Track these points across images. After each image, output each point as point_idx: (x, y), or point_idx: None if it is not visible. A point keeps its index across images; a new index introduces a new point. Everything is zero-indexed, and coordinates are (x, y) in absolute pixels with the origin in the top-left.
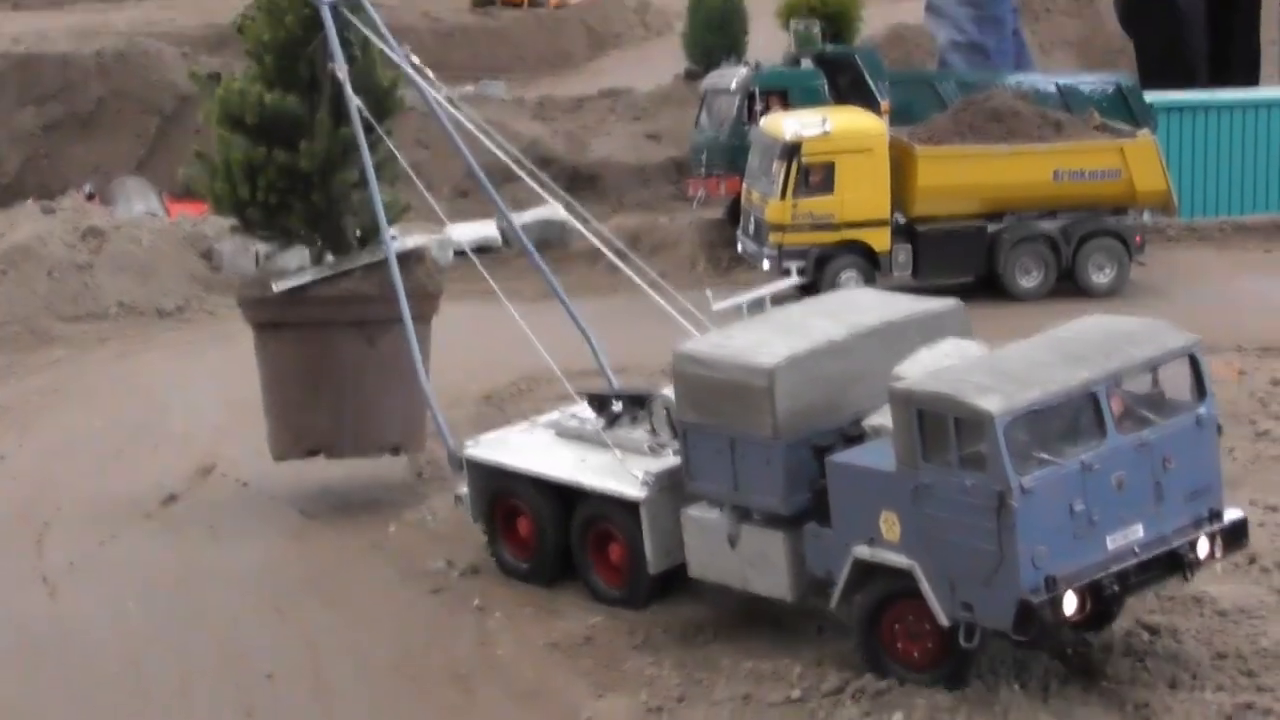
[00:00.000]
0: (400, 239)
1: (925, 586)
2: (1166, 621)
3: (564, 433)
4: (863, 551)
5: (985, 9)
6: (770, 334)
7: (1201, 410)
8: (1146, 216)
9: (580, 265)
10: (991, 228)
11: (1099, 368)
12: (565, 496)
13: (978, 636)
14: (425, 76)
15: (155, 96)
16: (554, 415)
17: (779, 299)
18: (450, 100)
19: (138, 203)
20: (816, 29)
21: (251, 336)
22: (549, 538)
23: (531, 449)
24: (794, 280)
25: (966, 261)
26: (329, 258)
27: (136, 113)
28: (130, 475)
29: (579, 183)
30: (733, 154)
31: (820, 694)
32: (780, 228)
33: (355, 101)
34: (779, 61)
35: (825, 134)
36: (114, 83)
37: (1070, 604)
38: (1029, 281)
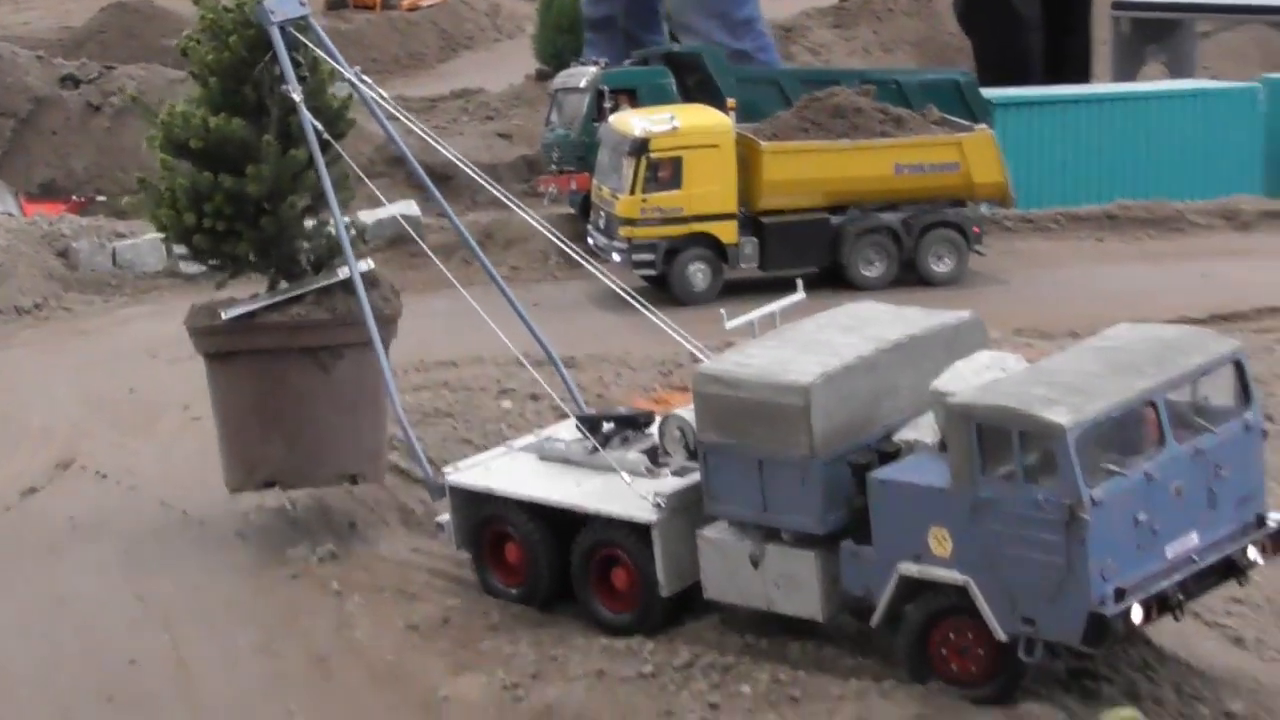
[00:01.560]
0: (365, 260)
1: (981, 602)
2: None
3: (548, 456)
4: (909, 568)
5: (733, 15)
6: (793, 352)
7: (1249, 416)
8: (984, 208)
9: (433, 261)
10: (835, 220)
11: (1155, 377)
12: (559, 521)
13: (1039, 651)
14: (379, 95)
15: (10, 99)
16: (530, 439)
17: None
18: (399, 111)
19: None
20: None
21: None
22: (542, 563)
23: (519, 474)
24: (800, 295)
25: (811, 253)
26: (282, 284)
27: None
28: None
29: (433, 181)
30: (583, 151)
31: (672, 669)
32: (630, 222)
33: (313, 123)
34: (627, 61)
35: (673, 130)
36: None
37: (1138, 614)
38: (872, 272)
